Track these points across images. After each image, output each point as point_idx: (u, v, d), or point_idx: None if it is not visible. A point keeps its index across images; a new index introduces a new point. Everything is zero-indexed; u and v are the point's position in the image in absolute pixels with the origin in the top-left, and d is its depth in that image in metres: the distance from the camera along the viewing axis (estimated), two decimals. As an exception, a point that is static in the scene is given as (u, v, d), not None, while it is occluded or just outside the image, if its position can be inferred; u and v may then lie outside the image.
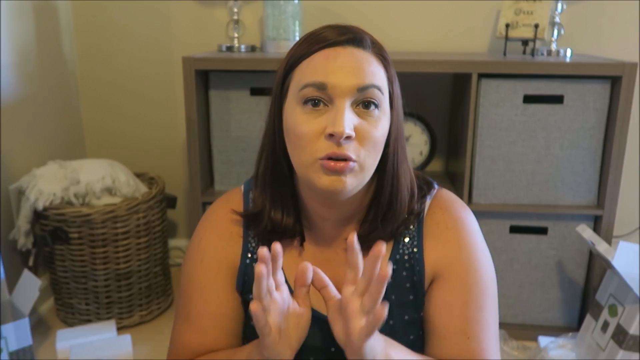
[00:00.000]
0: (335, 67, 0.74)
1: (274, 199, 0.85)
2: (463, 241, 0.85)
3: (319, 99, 0.75)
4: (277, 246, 0.71)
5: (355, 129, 0.74)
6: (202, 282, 0.88)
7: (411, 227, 0.86)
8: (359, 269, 0.73)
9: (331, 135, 0.73)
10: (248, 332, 0.90)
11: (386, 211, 0.83)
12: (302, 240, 0.88)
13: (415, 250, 0.85)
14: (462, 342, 0.82)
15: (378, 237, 0.83)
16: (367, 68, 0.75)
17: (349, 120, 0.73)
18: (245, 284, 0.88)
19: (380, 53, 0.79)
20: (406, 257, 0.85)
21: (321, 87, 0.74)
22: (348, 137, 0.73)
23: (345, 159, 0.73)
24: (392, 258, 0.85)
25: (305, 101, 0.75)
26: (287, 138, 0.79)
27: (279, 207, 0.85)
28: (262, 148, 0.85)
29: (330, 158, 0.73)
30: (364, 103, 0.75)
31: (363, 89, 0.74)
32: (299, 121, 0.75)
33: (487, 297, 0.84)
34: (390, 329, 0.84)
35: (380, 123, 0.77)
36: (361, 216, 0.85)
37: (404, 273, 0.85)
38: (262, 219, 0.85)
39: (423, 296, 0.85)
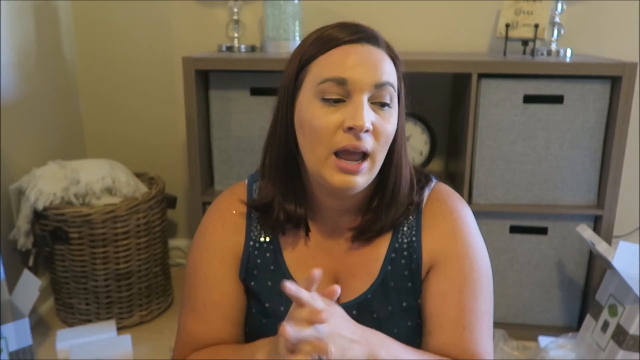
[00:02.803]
0: (355, 63, 0.77)
1: (287, 190, 0.86)
2: (459, 231, 0.87)
3: (338, 94, 0.77)
4: (315, 273, 0.70)
5: (372, 124, 0.77)
6: (207, 271, 0.90)
7: (410, 217, 0.88)
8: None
9: (350, 129, 0.75)
10: (249, 320, 0.92)
11: (389, 202, 0.85)
12: (307, 230, 0.90)
13: (413, 239, 0.88)
14: (456, 331, 0.84)
15: (379, 227, 0.86)
16: (384, 65, 0.79)
17: (368, 115, 0.76)
18: (248, 270, 0.90)
19: (392, 52, 0.82)
20: (405, 246, 0.88)
21: (341, 82, 0.76)
22: (367, 131, 0.76)
23: (361, 154, 0.77)
24: (391, 246, 0.88)
25: (324, 97, 0.77)
26: (300, 131, 0.81)
27: (292, 199, 0.87)
28: (271, 141, 0.86)
29: (345, 151, 0.76)
30: (379, 99, 0.78)
31: (380, 85, 0.77)
32: (317, 115, 0.77)
33: (482, 287, 0.86)
34: (388, 315, 0.86)
35: (392, 119, 0.80)
36: (363, 206, 0.88)
37: (403, 261, 0.87)
38: (273, 209, 0.87)
39: (420, 284, 0.88)
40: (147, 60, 2.13)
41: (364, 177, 0.78)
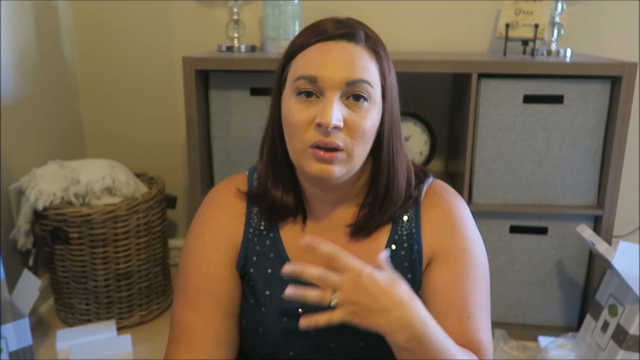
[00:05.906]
0: (327, 61, 0.79)
1: (275, 179, 0.89)
2: (458, 225, 0.89)
3: (311, 91, 0.79)
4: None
5: (345, 120, 0.79)
6: (201, 257, 0.90)
7: (409, 210, 0.90)
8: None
9: (319, 125, 0.78)
10: (247, 312, 0.91)
11: (384, 197, 0.86)
12: (305, 219, 0.91)
13: (413, 231, 0.89)
14: (461, 321, 0.85)
15: (376, 222, 0.87)
16: (358, 63, 0.79)
17: (337, 112, 0.78)
18: (247, 257, 0.91)
19: (373, 47, 0.82)
20: (405, 237, 0.89)
21: (312, 80, 0.78)
22: (336, 128, 0.77)
23: (334, 149, 0.78)
24: (391, 238, 0.89)
25: (299, 92, 0.80)
26: (284, 125, 0.84)
27: (280, 187, 0.89)
28: (266, 133, 0.89)
29: (318, 147, 0.78)
30: (354, 96, 0.79)
31: (352, 83, 0.78)
32: (293, 110, 0.80)
33: (482, 278, 0.88)
34: None
35: (370, 115, 0.81)
36: (359, 200, 0.89)
37: (402, 252, 0.88)
38: (265, 198, 0.89)
39: (420, 276, 0.88)
40: (147, 60, 2.13)
41: (340, 167, 0.80)
